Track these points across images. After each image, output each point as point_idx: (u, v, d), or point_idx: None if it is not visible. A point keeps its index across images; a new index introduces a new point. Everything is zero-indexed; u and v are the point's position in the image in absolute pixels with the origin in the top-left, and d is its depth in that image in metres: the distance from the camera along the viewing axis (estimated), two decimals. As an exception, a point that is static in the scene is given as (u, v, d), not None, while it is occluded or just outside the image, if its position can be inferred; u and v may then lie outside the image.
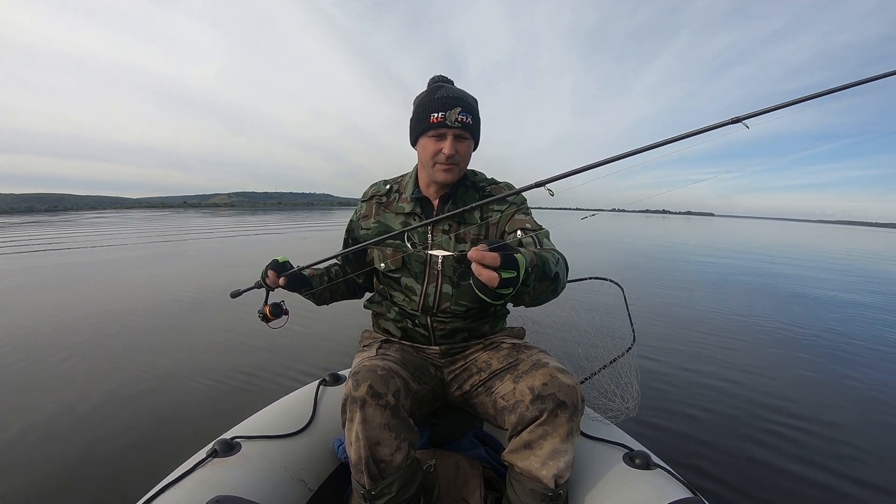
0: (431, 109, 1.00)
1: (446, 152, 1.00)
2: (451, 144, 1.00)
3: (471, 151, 1.07)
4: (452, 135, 1.00)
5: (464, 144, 1.03)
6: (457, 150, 1.01)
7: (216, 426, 1.45)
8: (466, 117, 1.00)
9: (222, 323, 3.57)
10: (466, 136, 1.03)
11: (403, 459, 0.90)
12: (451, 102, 0.99)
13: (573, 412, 0.88)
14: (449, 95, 1.00)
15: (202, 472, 0.92)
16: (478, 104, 1.07)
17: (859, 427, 2.11)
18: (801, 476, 1.71)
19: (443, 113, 0.99)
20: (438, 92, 1.01)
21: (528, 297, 0.81)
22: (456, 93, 1.01)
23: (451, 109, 0.99)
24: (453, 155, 1.01)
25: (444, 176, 1.04)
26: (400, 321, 1.16)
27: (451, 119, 0.99)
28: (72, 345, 2.98)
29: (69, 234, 13.13)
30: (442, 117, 0.99)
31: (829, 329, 3.94)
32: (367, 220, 1.17)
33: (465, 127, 1.00)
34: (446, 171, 1.03)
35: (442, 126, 0.99)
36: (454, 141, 1.01)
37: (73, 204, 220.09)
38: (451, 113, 0.99)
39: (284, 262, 1.10)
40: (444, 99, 1.00)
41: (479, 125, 1.06)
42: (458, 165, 1.04)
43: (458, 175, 1.06)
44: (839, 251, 14.78)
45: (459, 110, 0.99)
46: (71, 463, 1.67)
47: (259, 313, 1.12)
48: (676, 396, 2.36)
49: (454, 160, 1.02)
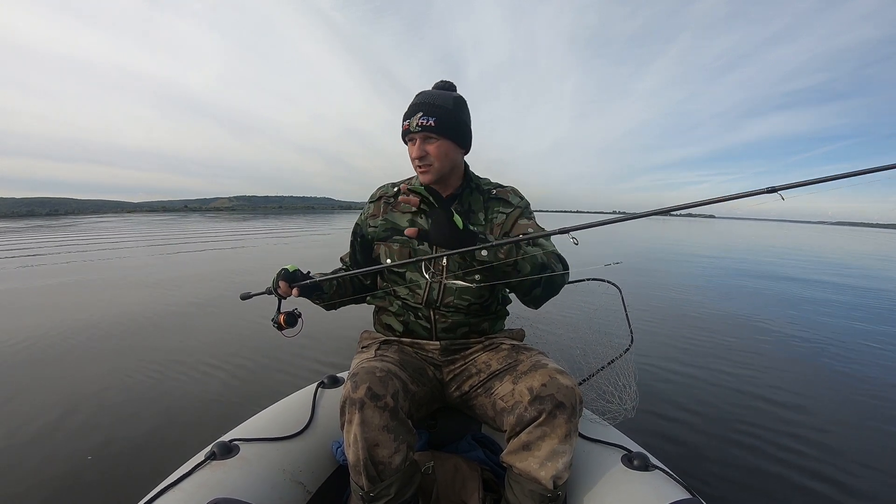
0: (404, 118, 1.09)
1: (412, 154, 1.08)
2: (416, 148, 1.07)
3: (447, 151, 1.07)
4: (418, 139, 1.06)
5: (433, 145, 1.06)
6: (426, 151, 1.06)
7: (214, 429, 1.46)
8: (427, 120, 1.04)
9: (221, 326, 3.57)
10: (433, 137, 1.06)
11: (402, 461, 0.90)
12: (414, 109, 1.06)
13: (572, 413, 0.88)
14: (416, 102, 1.07)
15: (200, 474, 0.92)
16: (458, 103, 1.08)
17: (859, 429, 2.11)
18: (799, 477, 1.71)
19: (408, 120, 1.07)
20: (413, 100, 1.09)
21: (512, 275, 0.95)
22: (424, 98, 1.07)
23: (414, 116, 1.05)
24: (423, 157, 1.07)
25: (421, 177, 1.11)
26: (402, 315, 1.17)
27: (413, 125, 1.05)
28: (73, 344, 2.97)
29: (84, 238, 13.09)
30: (407, 125, 1.07)
31: (831, 331, 3.94)
32: (375, 218, 1.21)
33: (426, 129, 1.04)
34: (422, 173, 1.10)
35: (408, 133, 1.07)
36: (421, 143, 1.06)
37: (73, 208, 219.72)
38: (413, 119, 1.05)
39: (294, 270, 1.10)
40: (412, 107, 1.07)
41: (453, 124, 1.06)
42: (433, 166, 1.08)
43: (435, 175, 1.09)
44: (854, 254, 14.10)
45: (420, 115, 1.05)
46: (69, 466, 1.67)
47: (273, 322, 1.12)
48: (675, 397, 2.37)
49: (426, 161, 1.07)
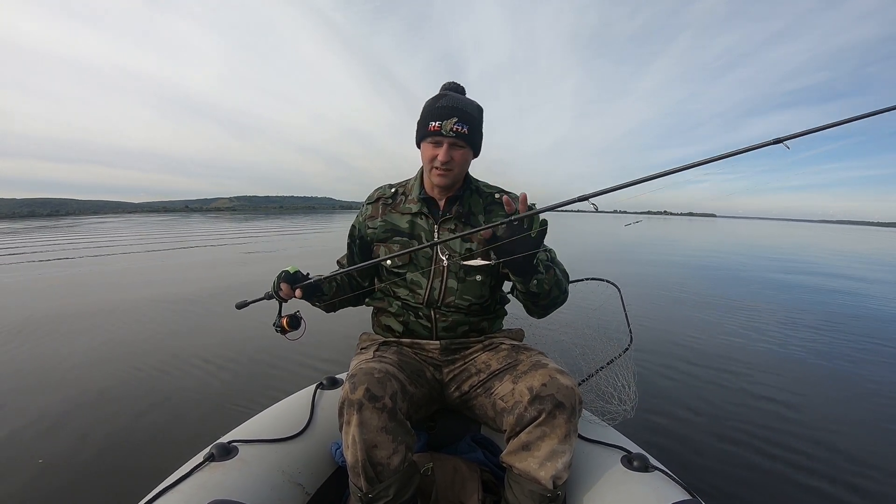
0: (431, 118, 1.05)
1: (441, 159, 1.05)
2: (445, 152, 1.05)
3: (468, 159, 1.11)
4: (447, 143, 1.05)
5: (459, 152, 1.07)
6: (452, 156, 1.06)
7: (213, 430, 1.45)
8: (462, 127, 1.04)
9: (221, 327, 3.57)
10: (462, 145, 1.07)
11: (400, 462, 0.90)
12: (448, 112, 1.04)
13: (571, 413, 0.89)
14: (448, 105, 1.05)
15: (199, 476, 0.92)
16: (481, 113, 1.10)
17: (860, 428, 2.11)
18: (799, 478, 1.70)
19: (440, 122, 1.04)
20: (441, 101, 1.06)
21: (543, 285, 1.01)
22: (457, 103, 1.05)
23: (448, 119, 1.03)
24: (447, 161, 1.06)
25: (438, 179, 1.10)
26: (402, 315, 1.17)
27: (446, 129, 1.03)
28: (71, 347, 2.97)
29: (89, 239, 13.09)
30: (438, 126, 1.04)
31: (833, 329, 3.94)
32: (374, 220, 1.21)
33: (459, 136, 1.04)
34: (441, 176, 1.09)
35: (438, 135, 1.05)
36: (449, 149, 1.05)
37: (74, 208, 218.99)
38: (447, 123, 1.03)
39: (295, 272, 1.09)
40: (443, 108, 1.04)
41: (478, 134, 1.10)
42: (453, 171, 1.09)
43: (452, 180, 1.10)
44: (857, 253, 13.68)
45: (455, 120, 1.03)
46: (68, 466, 1.67)
47: (276, 326, 1.10)
48: (675, 397, 2.36)
49: (448, 166, 1.07)
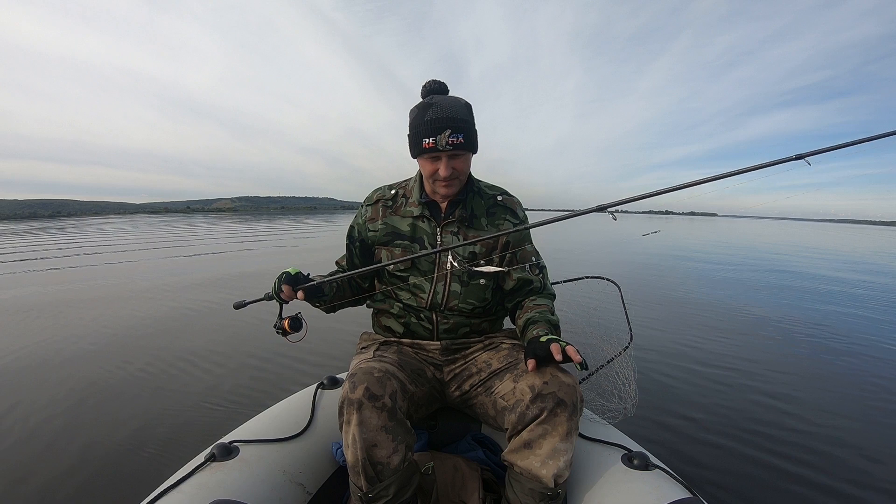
0: (423, 135, 1.01)
1: (443, 174, 1.03)
2: (445, 166, 1.02)
3: (469, 161, 1.09)
4: (446, 157, 1.02)
5: (459, 161, 1.04)
6: (453, 168, 1.03)
7: (214, 430, 1.45)
8: (457, 138, 0.99)
9: (221, 328, 3.57)
10: (460, 153, 1.03)
11: (401, 461, 0.90)
12: (440, 126, 0.99)
13: (572, 411, 0.89)
14: (438, 117, 0.99)
15: (201, 476, 0.92)
16: (470, 110, 1.06)
17: (861, 427, 2.10)
18: (799, 477, 1.70)
19: (433, 138, 0.99)
20: (428, 112, 1.00)
21: None
22: (445, 111, 0.99)
23: (441, 133, 0.99)
24: (451, 173, 1.04)
25: (444, 191, 1.08)
26: (403, 317, 1.17)
27: (441, 143, 0.99)
28: (76, 347, 2.97)
29: (93, 240, 13.11)
30: (433, 143, 1.00)
31: (835, 327, 3.92)
32: (374, 222, 1.18)
33: (457, 147, 1.01)
34: (446, 187, 1.07)
35: (434, 151, 1.01)
36: (448, 161, 1.02)
37: (76, 209, 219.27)
38: (441, 137, 0.99)
39: (297, 273, 1.06)
40: (434, 122, 0.99)
41: (473, 135, 1.05)
42: (458, 179, 1.07)
43: (459, 186, 1.09)
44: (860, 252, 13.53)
45: (449, 133, 0.98)
46: (69, 467, 1.67)
47: (277, 328, 1.07)
48: (675, 396, 2.36)
49: (452, 177, 1.04)
